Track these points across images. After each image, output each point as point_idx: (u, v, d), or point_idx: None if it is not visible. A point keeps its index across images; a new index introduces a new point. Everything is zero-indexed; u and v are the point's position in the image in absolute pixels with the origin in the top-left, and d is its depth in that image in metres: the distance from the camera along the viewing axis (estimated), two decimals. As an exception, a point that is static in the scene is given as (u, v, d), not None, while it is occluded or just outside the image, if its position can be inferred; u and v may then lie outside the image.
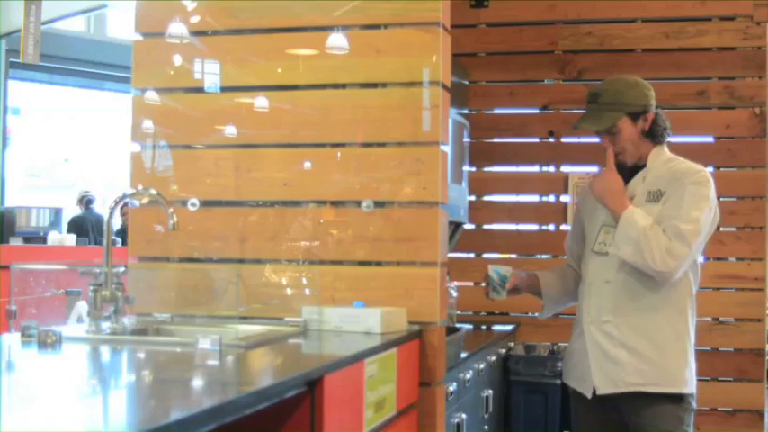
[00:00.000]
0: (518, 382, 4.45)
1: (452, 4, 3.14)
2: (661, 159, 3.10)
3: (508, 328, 4.75)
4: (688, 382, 3.06)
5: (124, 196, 2.91)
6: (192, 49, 3.21)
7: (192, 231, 3.15)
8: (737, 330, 4.77)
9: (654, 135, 3.10)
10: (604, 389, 3.07)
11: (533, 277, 3.32)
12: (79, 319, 3.35)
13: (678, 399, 3.04)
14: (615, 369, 3.05)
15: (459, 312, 4.70)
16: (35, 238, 9.32)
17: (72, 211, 10.34)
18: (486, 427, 3.94)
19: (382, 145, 3.08)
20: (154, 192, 2.87)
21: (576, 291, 3.26)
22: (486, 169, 5.12)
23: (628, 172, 3.09)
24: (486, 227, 5.09)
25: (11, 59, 10.23)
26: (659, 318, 3.04)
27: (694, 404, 3.08)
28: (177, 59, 3.22)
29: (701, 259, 3.18)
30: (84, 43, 12.22)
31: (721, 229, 4.63)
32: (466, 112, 5.04)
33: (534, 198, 5.10)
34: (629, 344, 3.04)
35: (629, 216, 2.96)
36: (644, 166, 3.10)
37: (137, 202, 3.26)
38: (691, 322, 3.10)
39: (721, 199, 3.39)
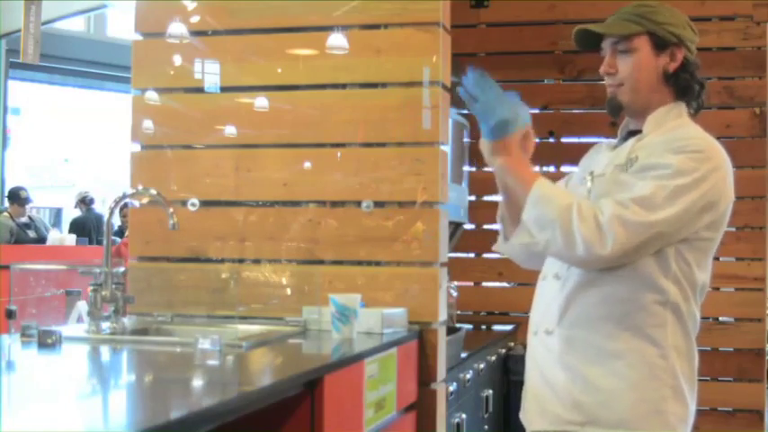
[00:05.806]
0: (518, 382, 4.43)
1: (452, 4, 3.14)
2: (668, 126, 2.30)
3: (508, 328, 4.75)
4: (671, 425, 2.18)
5: (124, 196, 2.91)
6: (192, 49, 3.21)
7: (192, 231, 3.15)
8: (737, 330, 4.76)
9: (678, 85, 2.32)
10: (534, 424, 2.33)
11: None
12: (79, 319, 3.35)
13: None
14: (548, 397, 2.29)
15: (459, 312, 4.70)
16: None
17: (72, 212, 10.32)
18: (486, 427, 3.94)
19: (382, 145, 3.07)
20: (154, 192, 2.87)
21: None
22: (486, 169, 5.12)
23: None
24: (486, 227, 5.08)
25: (11, 59, 10.24)
26: (624, 333, 2.19)
27: None
28: (177, 59, 3.22)
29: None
30: (84, 43, 12.24)
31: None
32: (466, 112, 5.03)
33: (534, 198, 5.09)
34: (573, 364, 2.23)
35: None
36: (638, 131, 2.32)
37: (137, 202, 3.26)
38: (683, 342, 2.24)
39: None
